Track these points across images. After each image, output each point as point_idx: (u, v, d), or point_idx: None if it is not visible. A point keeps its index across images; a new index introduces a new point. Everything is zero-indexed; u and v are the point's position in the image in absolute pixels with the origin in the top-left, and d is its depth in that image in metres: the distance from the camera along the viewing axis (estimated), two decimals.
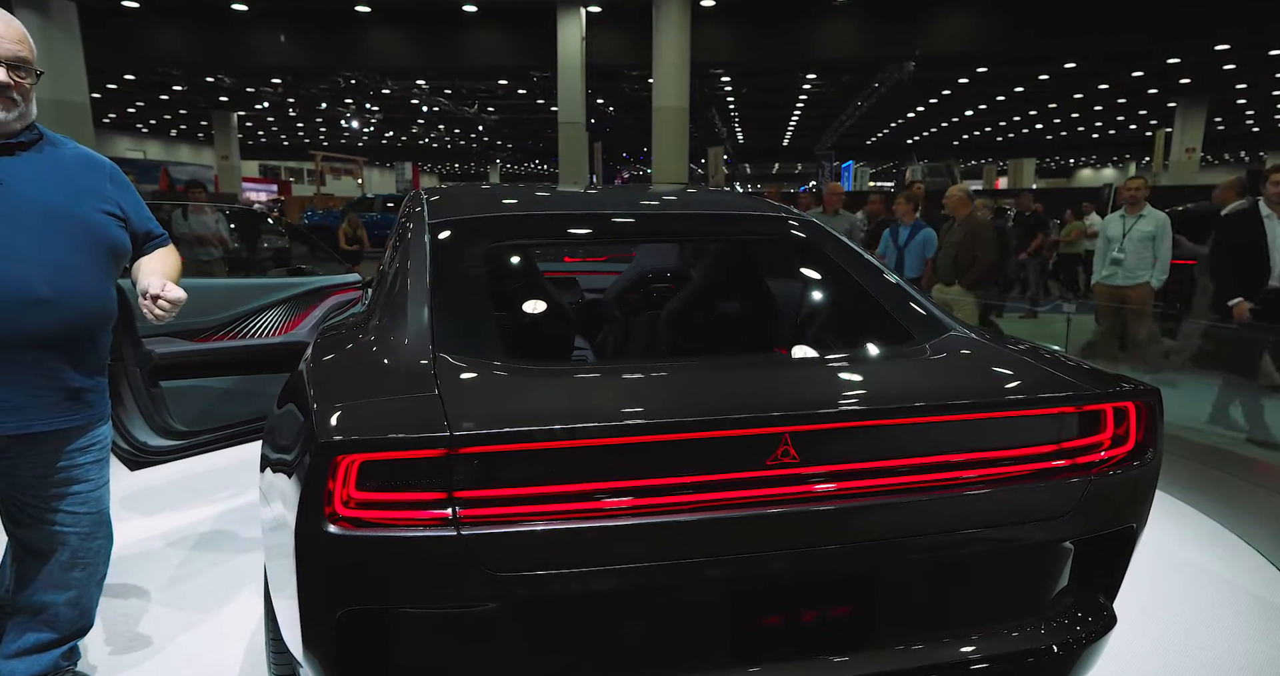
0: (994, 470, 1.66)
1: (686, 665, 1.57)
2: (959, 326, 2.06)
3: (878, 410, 1.58)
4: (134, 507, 3.63)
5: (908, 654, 1.66)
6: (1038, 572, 1.79)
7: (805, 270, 2.50)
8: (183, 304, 2.07)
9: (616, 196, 2.83)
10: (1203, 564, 3.23)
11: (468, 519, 1.41)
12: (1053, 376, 1.77)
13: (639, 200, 2.73)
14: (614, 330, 2.86)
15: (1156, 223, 6.50)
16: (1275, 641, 2.64)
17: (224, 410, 3.25)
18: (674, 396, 1.65)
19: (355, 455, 1.38)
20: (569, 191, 3.06)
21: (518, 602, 1.46)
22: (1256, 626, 2.75)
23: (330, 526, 1.37)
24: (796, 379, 1.77)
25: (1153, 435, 1.78)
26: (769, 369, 1.81)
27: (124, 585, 2.91)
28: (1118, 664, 2.46)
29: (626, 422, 1.46)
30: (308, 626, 1.44)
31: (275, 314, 3.55)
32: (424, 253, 2.06)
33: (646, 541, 1.47)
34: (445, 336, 1.76)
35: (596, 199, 2.78)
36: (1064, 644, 1.74)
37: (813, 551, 1.55)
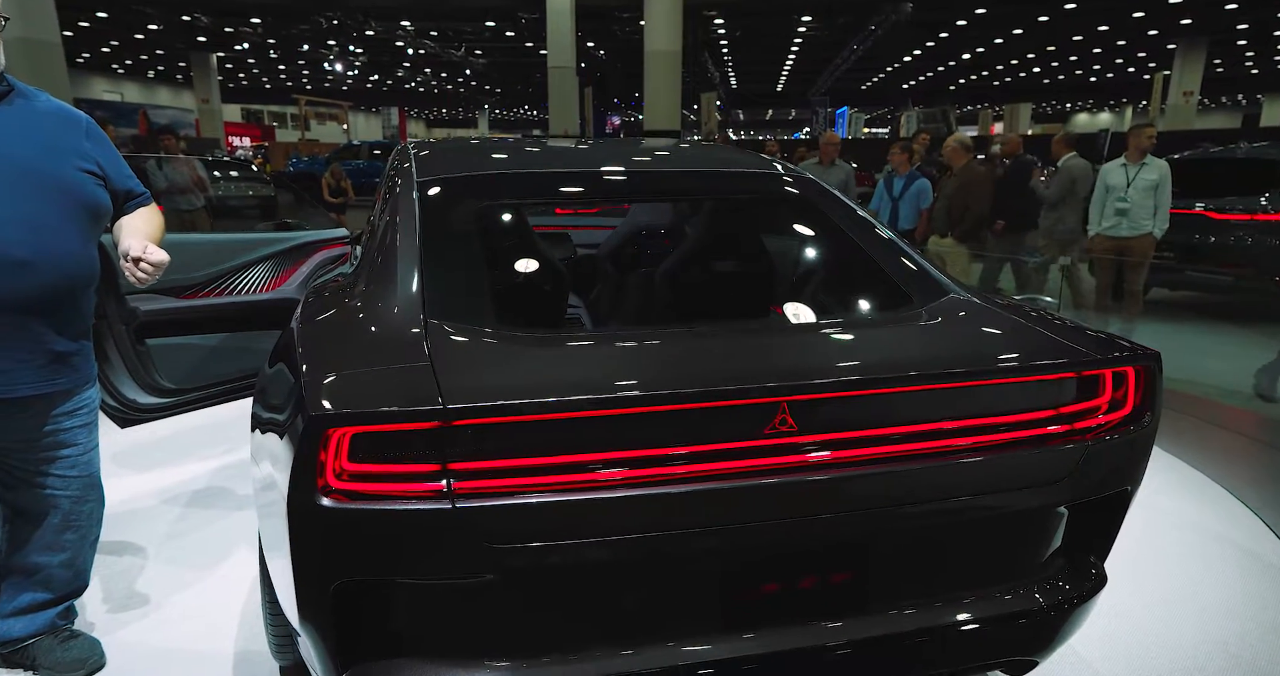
0: (992, 437, 1.65)
1: (683, 631, 1.57)
2: (957, 288, 2.03)
3: (876, 379, 1.56)
4: (127, 464, 3.63)
5: (902, 617, 1.67)
6: (1032, 536, 1.80)
7: (802, 229, 2.46)
8: (166, 266, 2.02)
9: (609, 152, 2.76)
10: (1188, 513, 3.28)
11: (462, 490, 1.39)
12: (1052, 341, 1.75)
13: (633, 156, 2.65)
14: (608, 289, 2.82)
15: (1160, 171, 6.43)
16: (1256, 590, 2.70)
17: (213, 367, 3.22)
18: (670, 366, 1.62)
19: (347, 428, 1.36)
20: (561, 146, 2.97)
21: (514, 573, 1.45)
22: (1239, 574, 2.81)
23: (323, 499, 1.35)
24: (794, 346, 1.74)
25: (1151, 399, 1.77)
26: (766, 336, 1.78)
27: (120, 542, 2.92)
28: (1104, 613, 2.51)
29: (622, 394, 1.43)
30: (302, 596, 1.44)
31: (262, 270, 3.48)
32: (413, 212, 2.00)
33: (643, 511, 1.46)
34: (436, 302, 1.72)
35: (590, 155, 2.70)
36: (1055, 604, 1.76)
37: (811, 519, 1.55)
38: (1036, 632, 1.78)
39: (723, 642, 1.58)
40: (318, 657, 1.49)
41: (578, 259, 3.34)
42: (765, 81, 40.06)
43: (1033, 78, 37.19)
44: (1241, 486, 3.55)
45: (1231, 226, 7.19)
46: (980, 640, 1.74)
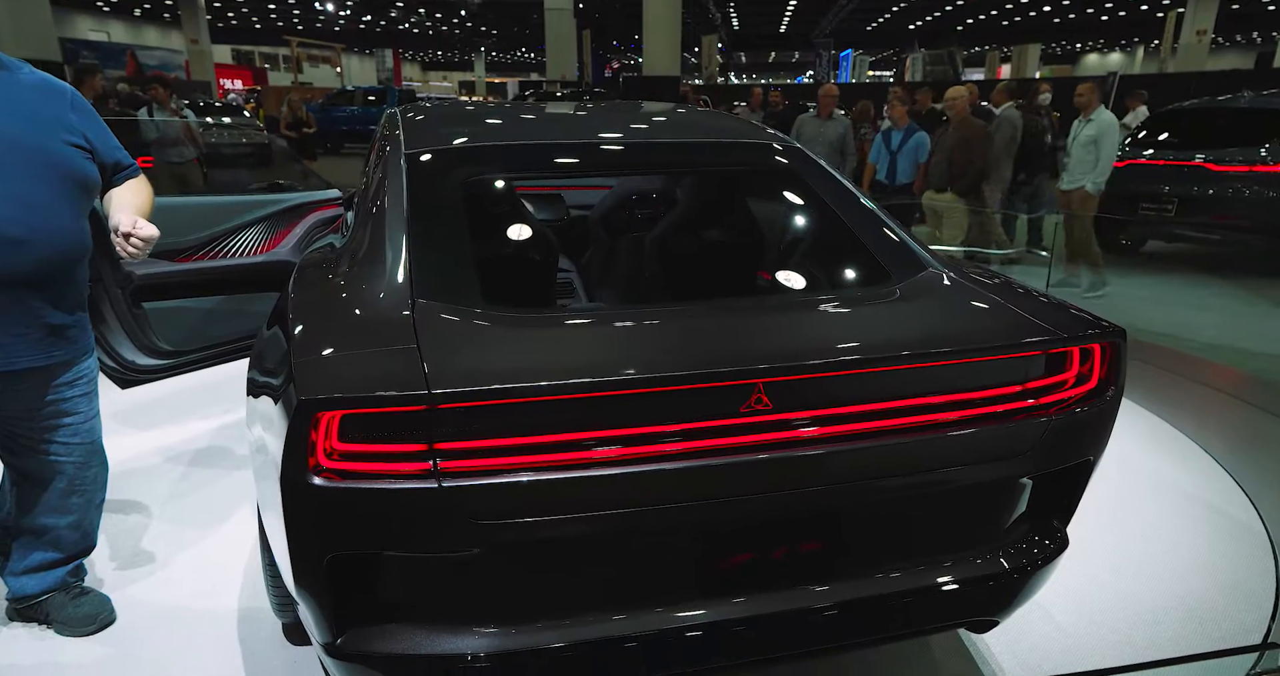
0: (959, 413, 1.71)
1: (663, 599, 1.66)
2: (935, 262, 2.06)
3: (848, 360, 1.61)
4: (130, 424, 3.71)
5: (871, 583, 1.75)
6: (996, 505, 1.88)
7: (785, 202, 2.47)
8: (155, 240, 2.05)
9: (602, 121, 2.75)
10: (1164, 472, 3.38)
11: (448, 470, 1.45)
12: (1021, 318, 1.80)
13: (625, 127, 2.65)
14: (598, 256, 2.84)
15: (1100, 127, 6.44)
16: (1221, 548, 2.81)
17: (210, 329, 3.27)
18: (650, 348, 1.66)
19: (335, 411, 1.41)
20: (553, 114, 2.95)
21: (499, 547, 1.52)
22: (1206, 533, 2.91)
23: (315, 478, 1.42)
24: (770, 326, 1.78)
25: (1115, 373, 1.83)
26: (743, 315, 1.82)
27: (125, 501, 3.02)
28: (1071, 571, 2.62)
29: (603, 379, 1.48)
30: (298, 568, 1.52)
31: (256, 232, 3.50)
32: (401, 186, 2.02)
33: (623, 488, 1.52)
34: (424, 280, 1.76)
35: (581, 125, 2.69)
36: (1017, 568, 1.85)
37: (786, 493, 1.61)
38: (999, 594, 1.87)
39: (701, 609, 1.66)
40: (314, 623, 1.58)
41: (568, 224, 3.35)
42: (768, 23, 39.02)
43: (1042, 17, 36.18)
44: (1217, 445, 3.63)
45: (1230, 178, 7.14)
46: (945, 603, 1.83)
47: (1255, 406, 4.23)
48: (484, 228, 2.29)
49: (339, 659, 1.56)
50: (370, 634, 1.57)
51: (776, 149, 2.39)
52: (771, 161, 2.38)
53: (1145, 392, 4.26)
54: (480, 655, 1.56)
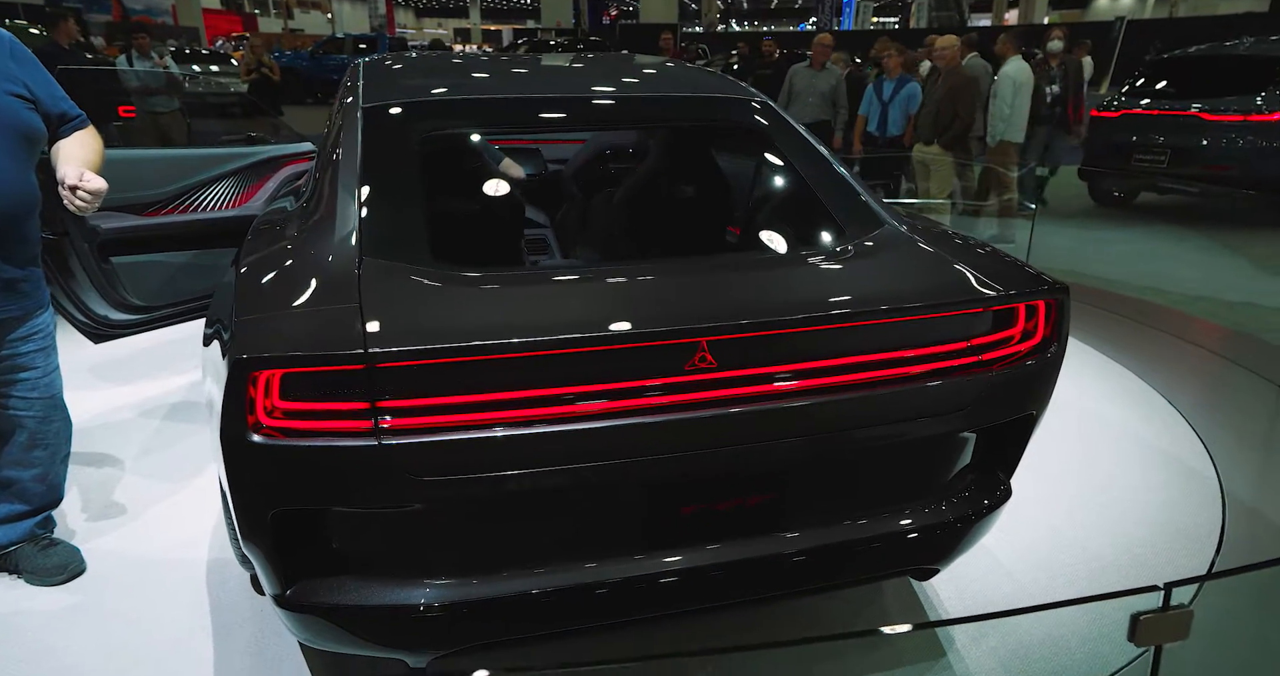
0: (903, 370, 1.72)
1: (609, 554, 1.69)
2: (893, 219, 2.05)
3: (791, 319, 1.61)
4: (105, 378, 3.73)
5: (816, 534, 1.79)
6: (940, 457, 1.91)
7: (750, 159, 2.45)
8: (104, 194, 2.03)
9: (569, 75, 2.69)
10: (1129, 424, 3.41)
11: (389, 428, 1.47)
12: (967, 276, 1.79)
13: (592, 80, 2.59)
14: (565, 213, 2.82)
15: (1006, 79, 6.43)
16: (1173, 497, 2.85)
17: (182, 284, 3.26)
18: (595, 307, 1.65)
19: (273, 370, 1.42)
20: (522, 68, 2.89)
21: (442, 503, 1.55)
22: (1161, 482, 2.96)
23: (254, 435, 1.44)
24: (718, 285, 1.77)
25: (1058, 330, 1.83)
26: (693, 275, 1.81)
27: (99, 455, 3.06)
28: (1026, 521, 2.67)
29: (542, 338, 1.49)
30: (242, 522, 1.55)
31: (227, 185, 3.46)
32: (355, 141, 1.99)
33: (566, 446, 1.54)
34: (374, 238, 1.74)
35: (547, 79, 2.64)
36: (961, 517, 1.89)
37: (731, 449, 1.64)
38: (940, 544, 1.91)
39: (646, 561, 1.69)
40: (264, 575, 1.62)
41: (538, 180, 3.31)
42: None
43: None
44: (1183, 398, 3.67)
45: (1224, 128, 7.04)
46: (888, 552, 1.87)
47: (1227, 359, 4.24)
48: (441, 184, 2.26)
49: (288, 610, 1.60)
50: (319, 586, 1.61)
51: (741, 104, 2.35)
52: (734, 117, 2.34)
53: (1120, 346, 4.27)
54: (429, 606, 1.59)
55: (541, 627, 1.72)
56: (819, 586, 1.91)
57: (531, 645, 1.78)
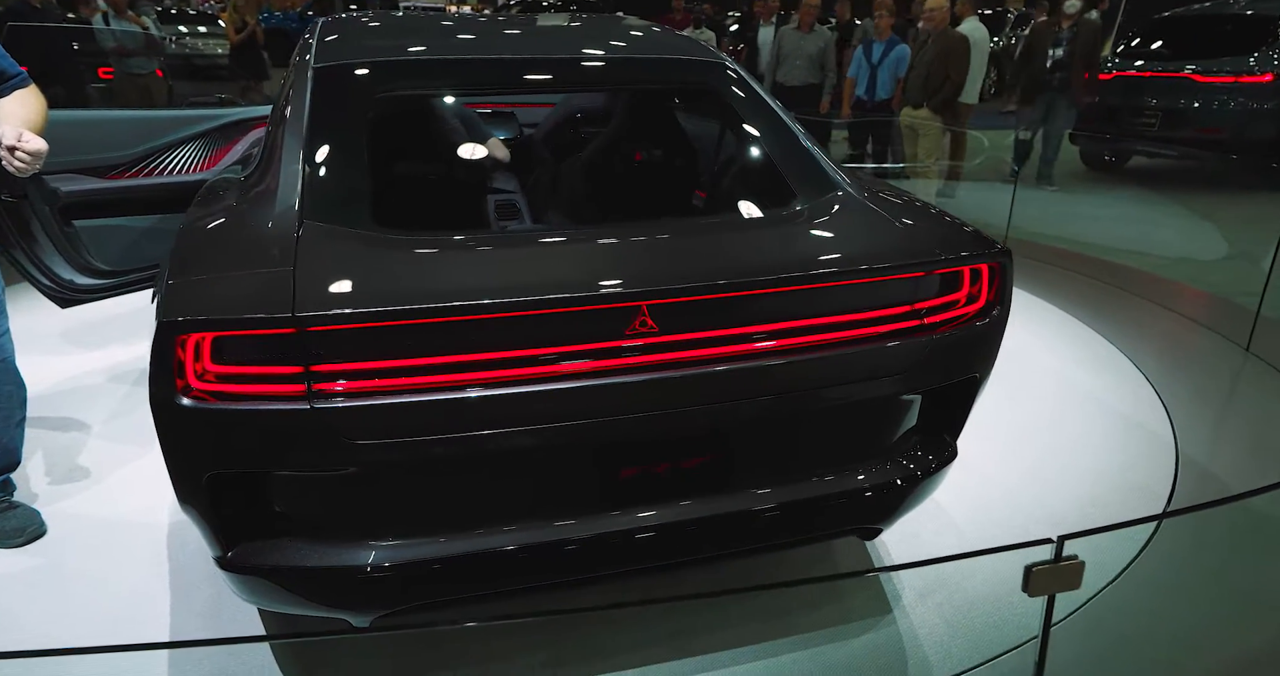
0: (843, 333, 1.72)
1: (546, 516, 1.70)
2: (846, 182, 2.03)
3: (731, 283, 1.60)
4: (76, 342, 3.73)
5: (760, 495, 1.80)
6: (885, 419, 1.92)
7: (708, 121, 2.41)
8: (44, 155, 2.00)
9: (533, 36, 2.64)
10: (1094, 388, 3.43)
11: (322, 392, 1.47)
12: (910, 239, 1.78)
13: (553, 42, 2.54)
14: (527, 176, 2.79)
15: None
16: (1129, 458, 2.88)
17: (149, 250, 3.23)
18: (532, 273, 1.63)
19: (200, 333, 1.41)
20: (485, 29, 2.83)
21: (378, 466, 1.55)
22: (1120, 443, 2.98)
23: (183, 399, 1.43)
24: (661, 249, 1.76)
25: (1001, 293, 1.83)
26: (637, 239, 1.78)
27: (65, 419, 3.07)
28: (985, 480, 2.70)
29: (475, 303, 1.47)
30: (177, 485, 1.55)
31: (194, 148, 3.41)
32: (304, 104, 1.95)
33: (502, 410, 1.54)
34: (317, 202, 1.72)
35: (508, 40, 2.58)
36: (905, 478, 1.91)
37: (672, 412, 1.64)
38: (883, 504, 1.93)
39: (587, 522, 1.71)
40: (205, 538, 1.63)
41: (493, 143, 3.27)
42: None
43: None
44: (1147, 361, 3.69)
45: (1216, 90, 6.94)
46: (832, 512, 1.89)
47: (1198, 323, 4.24)
48: (391, 147, 2.23)
49: (230, 571, 1.62)
50: (260, 548, 1.62)
51: (702, 66, 2.31)
52: (694, 79, 2.31)
53: (1093, 310, 4.28)
54: (369, 567, 1.61)
55: (480, 588, 1.74)
56: (762, 546, 1.92)
57: (470, 605, 1.80)
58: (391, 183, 2.17)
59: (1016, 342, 3.80)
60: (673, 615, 2.11)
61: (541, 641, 2.03)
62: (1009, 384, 3.39)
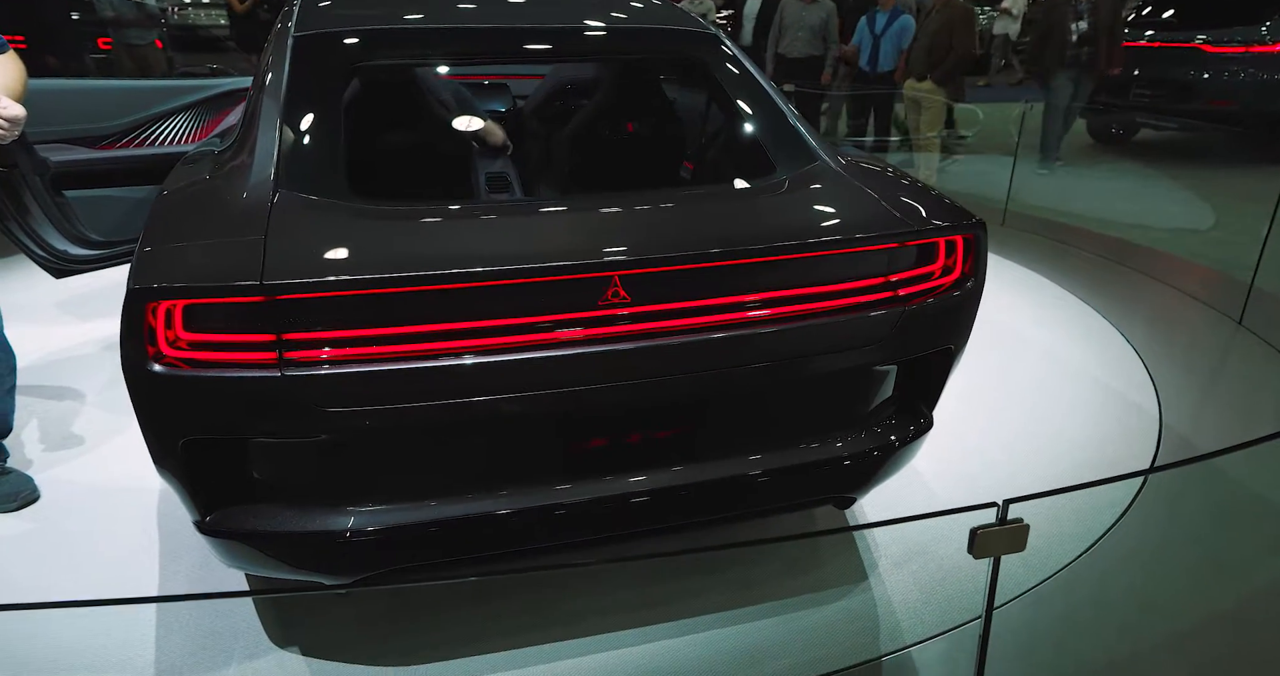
0: (815, 305, 1.72)
1: (518, 484, 1.72)
2: (827, 155, 2.02)
3: (704, 254, 1.60)
4: (70, 312, 3.77)
5: (732, 464, 1.82)
6: (861, 389, 1.93)
7: (692, 92, 2.40)
8: (22, 121, 2.01)
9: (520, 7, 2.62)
10: (1086, 363, 3.43)
11: (293, 359, 1.48)
12: (884, 211, 1.78)
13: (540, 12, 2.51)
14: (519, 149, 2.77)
15: None
16: (1113, 431, 2.89)
17: (140, 221, 3.24)
18: (504, 243, 1.63)
19: (171, 300, 1.43)
20: None
21: (349, 434, 1.57)
22: (1106, 418, 2.99)
23: (155, 365, 1.45)
24: (635, 220, 1.76)
25: (976, 266, 1.83)
26: (612, 210, 1.78)
27: (60, 388, 3.11)
28: (970, 451, 2.72)
29: (443, 272, 1.48)
30: (153, 451, 1.58)
31: (185, 119, 3.41)
32: (282, 75, 1.95)
33: (469, 378, 1.55)
34: (292, 171, 1.72)
35: (497, 9, 2.56)
36: (881, 447, 1.92)
37: (643, 382, 1.65)
38: (858, 474, 1.95)
39: (558, 491, 1.73)
40: (183, 502, 1.66)
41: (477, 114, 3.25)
42: None
43: None
44: (1138, 334, 3.69)
45: (1226, 60, 6.82)
46: (807, 482, 1.91)
47: (1192, 297, 4.22)
48: (369, 117, 2.22)
49: (208, 535, 1.65)
50: (237, 513, 1.65)
51: (687, 36, 2.29)
52: (678, 49, 2.29)
53: (1088, 284, 4.26)
54: (344, 532, 1.64)
55: (454, 554, 1.77)
56: (735, 514, 1.95)
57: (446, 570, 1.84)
58: (371, 153, 2.17)
59: (1006, 316, 3.82)
60: (644, 582, 2.15)
61: (508, 606, 2.07)
62: (995, 356, 3.41)
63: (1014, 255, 4.69)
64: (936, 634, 2.01)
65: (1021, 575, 2.17)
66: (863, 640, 1.99)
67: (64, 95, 3.13)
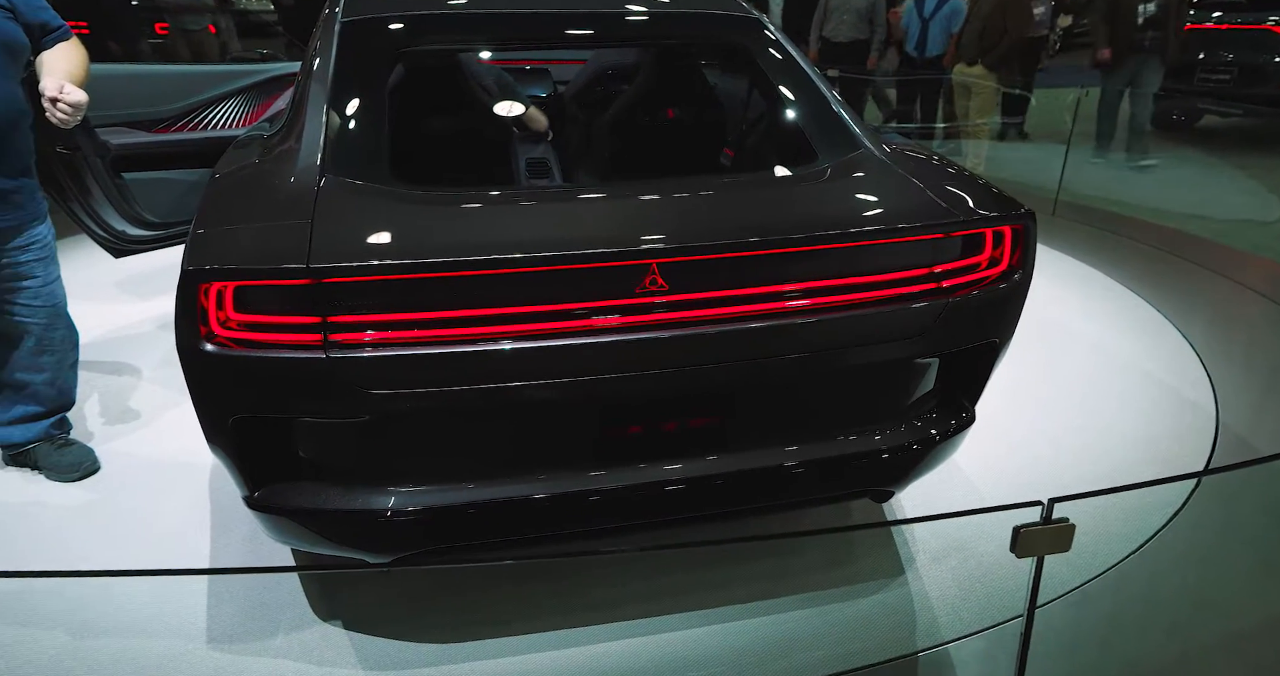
0: (859, 295, 1.70)
1: (555, 468, 1.74)
2: (871, 143, 1.98)
3: (743, 243, 1.59)
4: (129, 291, 3.89)
5: (770, 454, 1.81)
6: (902, 381, 1.90)
7: (735, 78, 2.37)
8: (85, 106, 2.07)
9: None
10: (1133, 355, 3.34)
11: (338, 341, 1.51)
12: (928, 200, 1.74)
13: None
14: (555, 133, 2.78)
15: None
16: (1164, 427, 2.81)
17: (193, 203, 3.31)
18: (545, 230, 1.64)
19: (222, 282, 1.47)
20: None
21: (392, 415, 1.60)
22: (1157, 413, 2.91)
23: (207, 345, 1.50)
24: (677, 208, 1.75)
25: (1025, 257, 1.78)
26: (653, 197, 1.77)
27: (119, 363, 3.22)
28: (1015, 444, 2.68)
29: (486, 258, 1.49)
30: (205, 427, 1.63)
31: (236, 103, 3.48)
32: (329, 60, 1.97)
33: (510, 364, 1.56)
34: (339, 157, 1.75)
35: None
36: (922, 441, 1.89)
37: (681, 370, 1.65)
38: (898, 467, 1.92)
39: (595, 477, 1.73)
40: (233, 478, 1.71)
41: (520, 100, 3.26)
42: None
43: None
44: (1194, 329, 3.57)
45: None
46: (844, 474, 1.89)
47: (1253, 290, 4.07)
48: (414, 102, 2.24)
49: (256, 510, 1.70)
50: (285, 489, 1.70)
51: (730, 21, 2.26)
52: (721, 34, 2.27)
53: (1142, 277, 4.13)
54: (388, 511, 1.67)
55: (493, 535, 1.79)
56: (773, 505, 1.94)
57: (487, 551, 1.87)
58: (416, 139, 2.19)
59: (1057, 309, 3.73)
60: (679, 569, 2.16)
61: (544, 590, 2.09)
62: (1042, 350, 3.34)
63: (1064, 246, 4.57)
64: (975, 631, 1.98)
65: (1065, 574, 2.13)
66: (899, 635, 1.98)
67: (123, 80, 3.21)
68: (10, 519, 2.35)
